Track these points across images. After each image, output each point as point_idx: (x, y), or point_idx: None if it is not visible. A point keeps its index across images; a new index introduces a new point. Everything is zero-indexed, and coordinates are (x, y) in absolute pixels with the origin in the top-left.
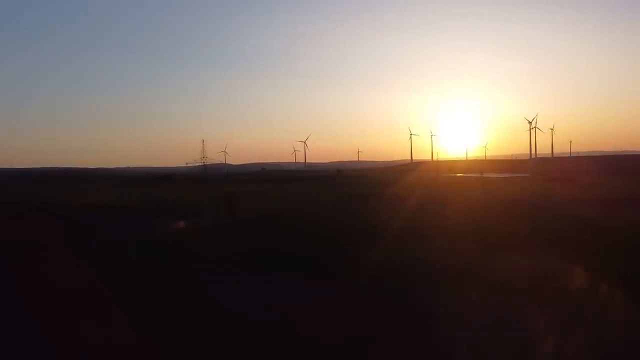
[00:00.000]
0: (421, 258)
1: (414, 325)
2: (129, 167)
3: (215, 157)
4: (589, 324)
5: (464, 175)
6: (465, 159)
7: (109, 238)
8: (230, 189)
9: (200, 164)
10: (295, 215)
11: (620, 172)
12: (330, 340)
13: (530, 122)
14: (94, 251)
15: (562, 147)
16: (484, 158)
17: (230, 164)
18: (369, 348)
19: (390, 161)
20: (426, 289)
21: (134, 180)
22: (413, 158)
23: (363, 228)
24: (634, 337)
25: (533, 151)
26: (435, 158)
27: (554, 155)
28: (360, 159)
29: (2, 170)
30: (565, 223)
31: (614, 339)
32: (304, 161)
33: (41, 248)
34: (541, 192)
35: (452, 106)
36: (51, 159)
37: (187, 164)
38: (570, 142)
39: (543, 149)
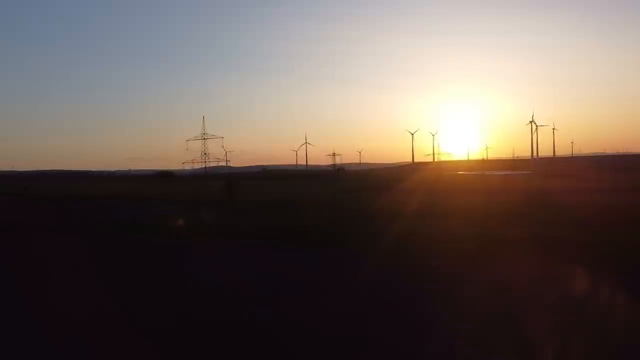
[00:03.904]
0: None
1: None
2: (130, 170)
3: (216, 132)
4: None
5: (466, 172)
6: (467, 159)
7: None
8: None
9: (200, 139)
10: (295, 207)
11: (621, 170)
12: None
13: (532, 121)
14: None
15: (563, 149)
16: (485, 159)
17: (232, 166)
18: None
19: (391, 163)
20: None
21: (134, 179)
22: (414, 159)
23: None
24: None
25: (534, 152)
26: (436, 159)
27: (556, 156)
28: (361, 161)
29: (2, 173)
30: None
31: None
32: (305, 163)
33: (39, 229)
34: (541, 185)
35: (454, 108)
36: (51, 161)
37: (187, 141)
38: (572, 143)
39: (544, 151)
